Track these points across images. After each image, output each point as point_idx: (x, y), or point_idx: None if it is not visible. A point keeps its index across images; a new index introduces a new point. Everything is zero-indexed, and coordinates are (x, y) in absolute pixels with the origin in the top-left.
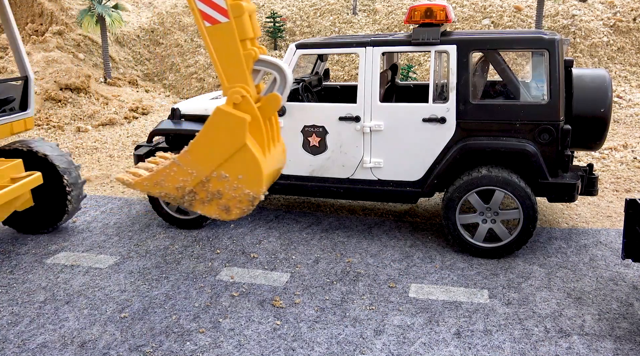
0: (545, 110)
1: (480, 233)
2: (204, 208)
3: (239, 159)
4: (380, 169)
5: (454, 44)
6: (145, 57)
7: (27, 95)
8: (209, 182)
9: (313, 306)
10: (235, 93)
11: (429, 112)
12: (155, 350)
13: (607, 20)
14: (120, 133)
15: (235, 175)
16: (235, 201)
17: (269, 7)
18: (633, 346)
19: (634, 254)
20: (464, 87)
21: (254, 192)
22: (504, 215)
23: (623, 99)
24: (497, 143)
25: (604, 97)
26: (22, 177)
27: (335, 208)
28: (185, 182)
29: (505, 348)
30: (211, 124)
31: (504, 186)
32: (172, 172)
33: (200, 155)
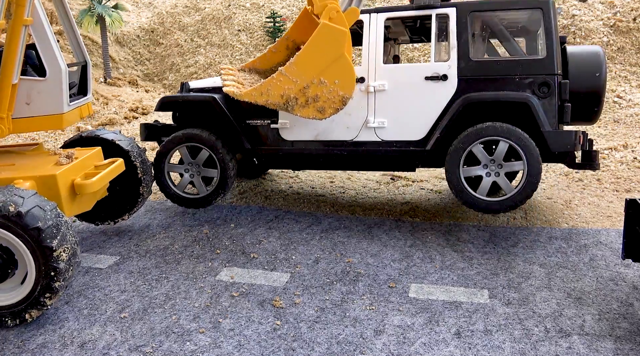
0: (543, 64)
1: (484, 186)
2: (302, 111)
3: (337, 66)
4: (383, 129)
5: (453, 7)
6: (145, 57)
7: (87, 80)
8: (308, 88)
9: (313, 307)
10: (331, 9)
11: (431, 70)
12: (155, 350)
13: (607, 20)
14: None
15: (332, 80)
16: (330, 102)
17: (269, 7)
18: (633, 346)
19: (634, 254)
20: (464, 45)
21: (347, 93)
22: (508, 167)
23: (623, 99)
24: (499, 94)
25: (599, 69)
26: (107, 164)
27: (335, 208)
28: (289, 90)
29: (506, 348)
30: (316, 37)
31: (508, 136)
32: (278, 81)
33: (304, 65)
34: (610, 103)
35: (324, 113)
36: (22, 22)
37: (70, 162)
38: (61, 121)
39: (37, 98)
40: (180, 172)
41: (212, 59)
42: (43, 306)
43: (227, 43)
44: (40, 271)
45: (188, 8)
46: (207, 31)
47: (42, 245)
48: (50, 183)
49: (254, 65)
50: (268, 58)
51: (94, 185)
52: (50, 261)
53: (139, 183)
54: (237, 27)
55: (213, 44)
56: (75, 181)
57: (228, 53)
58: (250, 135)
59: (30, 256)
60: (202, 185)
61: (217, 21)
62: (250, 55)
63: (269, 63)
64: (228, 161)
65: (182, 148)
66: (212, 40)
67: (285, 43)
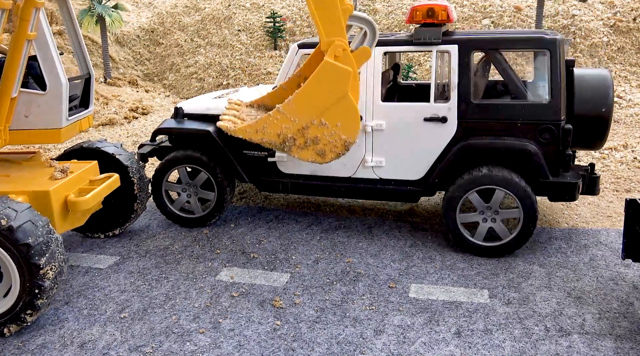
0: (547, 109)
1: (481, 232)
2: (300, 153)
3: (339, 108)
4: (381, 168)
5: (455, 44)
6: (145, 57)
7: (89, 93)
8: (308, 129)
9: (313, 307)
10: (338, 46)
11: (430, 111)
12: (155, 350)
13: (607, 20)
14: (120, 133)
15: (334, 123)
16: (331, 146)
17: (269, 7)
18: (633, 345)
19: (634, 254)
20: (466, 86)
21: (350, 138)
22: (504, 214)
23: (623, 99)
24: (498, 142)
25: (605, 96)
26: (102, 180)
27: (335, 208)
28: (286, 129)
29: (506, 347)
30: (317, 75)
31: (504, 185)
32: (275, 119)
33: (303, 104)
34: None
35: (324, 157)
36: (25, 36)
37: (64, 177)
38: (59, 135)
39: (36, 112)
40: (177, 191)
41: (212, 59)
42: (23, 322)
43: (227, 43)
44: (24, 288)
45: (188, 8)
46: (207, 31)
47: (30, 262)
48: (44, 199)
49: (263, 101)
50: (278, 95)
51: (87, 203)
52: (35, 278)
53: (134, 200)
54: (237, 27)
55: (213, 44)
56: (69, 198)
57: (228, 53)
58: (247, 165)
59: (16, 271)
60: (198, 206)
61: (217, 21)
62: (250, 55)
63: (278, 100)
64: (226, 185)
65: (181, 169)
66: (212, 40)
67: (297, 80)
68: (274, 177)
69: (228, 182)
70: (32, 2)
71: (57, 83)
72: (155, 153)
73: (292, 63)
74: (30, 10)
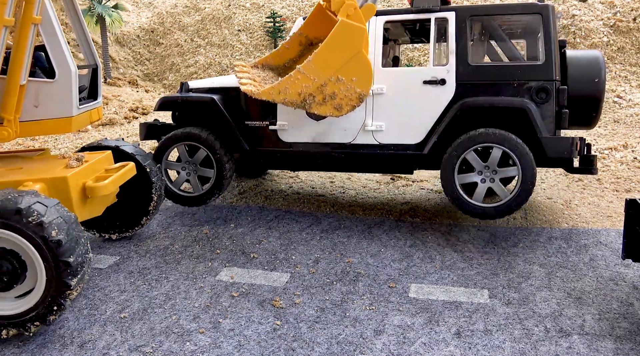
0: (541, 70)
1: (479, 192)
2: (319, 108)
3: (354, 63)
4: (381, 132)
5: (452, 11)
6: (145, 57)
7: (97, 84)
8: (326, 86)
9: (313, 307)
10: (349, 5)
11: (429, 74)
12: (155, 350)
13: (607, 20)
14: (120, 133)
15: (350, 78)
16: (347, 100)
17: (269, 7)
18: (633, 345)
19: (634, 254)
20: (463, 50)
21: (364, 91)
22: (503, 173)
23: (623, 99)
24: (496, 100)
25: (598, 75)
26: (117, 168)
27: (335, 208)
28: (306, 88)
29: (506, 348)
30: (335, 35)
31: (501, 142)
32: (296, 79)
33: (321, 62)
34: (610, 103)
35: (340, 110)
36: (30, 20)
37: (80, 165)
38: (70, 124)
39: (46, 101)
40: (177, 169)
41: (212, 59)
42: (26, 330)
43: (227, 43)
44: (44, 301)
45: (188, 8)
46: (207, 31)
47: (62, 280)
48: (61, 186)
49: (266, 61)
50: (281, 54)
51: (106, 188)
52: (60, 296)
53: (149, 199)
54: (237, 27)
55: (213, 44)
56: (87, 183)
57: (228, 53)
58: (248, 136)
59: (44, 283)
60: (197, 184)
61: (217, 21)
62: (250, 55)
63: (281, 59)
64: (225, 162)
65: (181, 147)
66: (212, 40)
67: (299, 39)
68: (275, 147)
69: (227, 158)
70: None
71: (66, 70)
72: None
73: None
74: None
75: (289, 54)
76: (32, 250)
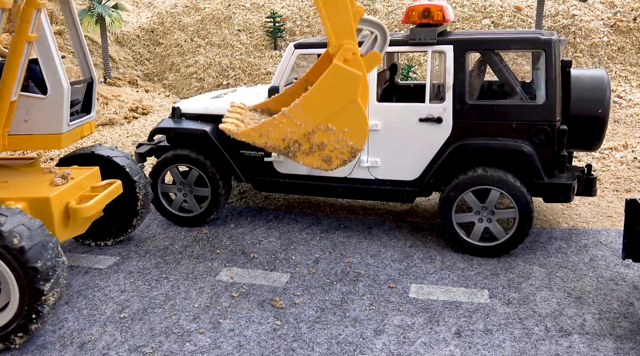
0: (542, 110)
1: (476, 232)
2: (305, 158)
3: (347, 113)
4: (377, 168)
5: (450, 44)
6: (145, 57)
7: (91, 98)
8: (314, 134)
9: (313, 307)
10: (347, 49)
11: (425, 111)
12: (155, 350)
13: (607, 20)
14: (120, 133)
15: (341, 128)
16: (337, 152)
17: (269, 7)
18: (633, 345)
19: (634, 254)
20: (461, 87)
21: (357, 145)
22: (500, 214)
23: (623, 99)
24: (493, 143)
25: (602, 97)
26: (104, 186)
27: (335, 208)
28: (292, 133)
29: (506, 348)
30: (326, 79)
31: (499, 185)
32: (280, 123)
33: (310, 108)
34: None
35: (330, 163)
36: (25, 38)
37: (65, 183)
38: (59, 141)
39: (36, 116)
40: (173, 191)
41: (212, 59)
42: (11, 343)
43: (227, 43)
44: (21, 311)
45: (188, 8)
46: (207, 31)
47: (34, 286)
48: (44, 206)
49: (267, 105)
50: (283, 99)
51: (88, 210)
52: (36, 303)
53: (134, 208)
54: (237, 27)
55: (213, 44)
56: (70, 205)
57: (228, 53)
58: (244, 165)
59: (17, 293)
60: (195, 204)
61: (217, 21)
62: (250, 55)
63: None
64: (218, 180)
65: (173, 169)
66: (212, 40)
67: (304, 85)
68: (270, 177)
69: (220, 176)
70: (33, 3)
71: (58, 87)
72: (154, 153)
73: (288, 63)
74: (32, 11)
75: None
76: (10, 273)
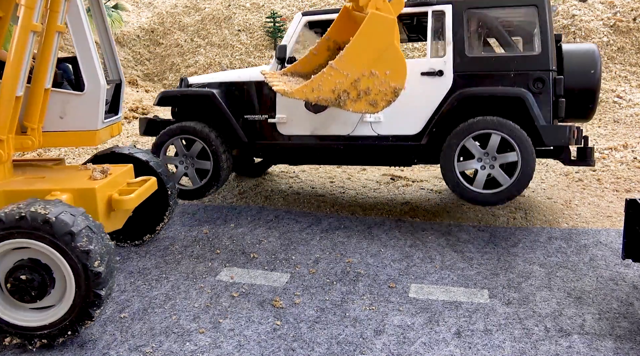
0: (538, 60)
1: (480, 179)
2: (354, 105)
3: (387, 57)
4: (379, 124)
5: (449, 4)
6: (145, 57)
7: (119, 99)
8: (359, 81)
9: (313, 307)
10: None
11: (427, 66)
12: (155, 350)
13: (607, 20)
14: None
15: (384, 71)
16: (382, 95)
17: (269, 7)
18: (633, 345)
19: (634, 254)
20: (460, 42)
21: (399, 84)
22: (502, 159)
23: (623, 99)
24: (493, 89)
25: (594, 68)
26: (139, 182)
27: (335, 208)
28: (340, 84)
29: (506, 348)
30: (365, 27)
31: (499, 128)
32: (329, 76)
33: (354, 57)
34: (610, 103)
35: (376, 106)
36: (55, 28)
37: (105, 177)
38: (94, 138)
39: (72, 113)
40: (175, 163)
41: (212, 59)
42: (74, 333)
43: (227, 43)
44: (79, 298)
45: (188, 8)
46: (207, 31)
47: (89, 270)
48: (88, 197)
49: (295, 69)
50: (309, 60)
51: (131, 202)
52: (95, 287)
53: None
54: (237, 27)
55: (213, 44)
56: (113, 196)
57: (228, 53)
58: (247, 129)
59: (72, 279)
60: (195, 177)
61: (217, 21)
62: (250, 55)
63: (310, 66)
64: (221, 153)
65: (177, 141)
66: (212, 40)
67: (326, 44)
68: (273, 140)
69: (223, 150)
70: None
71: (95, 83)
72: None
73: (295, 31)
74: (60, 1)
75: (317, 60)
76: (62, 260)
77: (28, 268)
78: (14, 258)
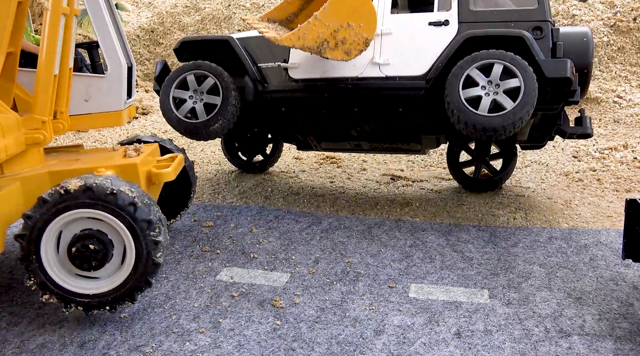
0: (535, 12)
1: (484, 104)
2: (332, 53)
3: (362, 10)
4: (387, 66)
5: None
6: (145, 57)
7: (131, 83)
8: (338, 32)
9: (313, 307)
10: None
11: (434, 17)
12: (155, 350)
13: (607, 20)
14: (120, 133)
15: (358, 24)
16: (355, 44)
17: (268, 7)
18: (633, 346)
19: (634, 254)
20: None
21: (370, 36)
22: (505, 85)
23: (623, 99)
24: (496, 30)
25: (586, 50)
26: (168, 159)
27: (335, 209)
28: (322, 33)
29: (506, 348)
30: None
31: (502, 58)
32: (313, 26)
33: (336, 9)
34: (610, 103)
35: (350, 54)
36: (73, 12)
37: (138, 155)
38: (120, 117)
39: (97, 95)
40: (185, 97)
41: None
42: (133, 299)
43: None
44: (139, 264)
45: (188, 8)
46: (207, 31)
47: (149, 238)
48: (131, 172)
49: (271, 15)
50: (284, 8)
51: (170, 175)
52: (154, 255)
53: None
54: (237, 27)
55: None
56: (152, 170)
57: None
58: (261, 76)
59: (133, 248)
60: (202, 112)
61: (217, 21)
62: None
63: (284, 13)
64: (231, 90)
65: (190, 76)
66: None
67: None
68: (282, 86)
69: (234, 87)
70: None
71: (117, 65)
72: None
73: None
74: None
75: (290, 8)
76: (125, 230)
77: (97, 239)
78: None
